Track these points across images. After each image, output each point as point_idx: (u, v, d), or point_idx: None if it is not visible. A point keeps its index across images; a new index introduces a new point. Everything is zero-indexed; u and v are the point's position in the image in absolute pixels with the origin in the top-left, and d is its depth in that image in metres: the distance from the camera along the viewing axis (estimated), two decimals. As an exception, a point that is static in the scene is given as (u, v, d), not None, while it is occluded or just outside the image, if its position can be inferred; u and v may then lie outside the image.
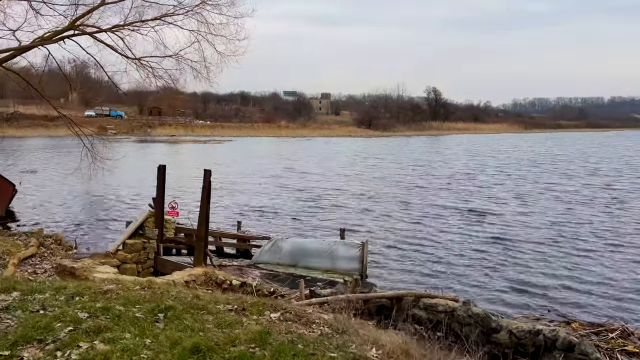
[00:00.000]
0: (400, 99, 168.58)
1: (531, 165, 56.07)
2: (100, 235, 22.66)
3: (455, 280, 16.50)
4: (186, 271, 14.73)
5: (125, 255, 15.69)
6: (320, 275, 15.80)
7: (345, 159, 63.63)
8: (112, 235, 22.53)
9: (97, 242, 21.19)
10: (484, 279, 16.80)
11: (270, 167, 52.10)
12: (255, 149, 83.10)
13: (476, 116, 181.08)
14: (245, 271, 16.55)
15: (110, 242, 21.28)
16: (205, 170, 15.30)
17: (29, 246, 16.64)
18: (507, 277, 16.75)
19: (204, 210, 15.47)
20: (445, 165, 56.98)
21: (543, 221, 25.40)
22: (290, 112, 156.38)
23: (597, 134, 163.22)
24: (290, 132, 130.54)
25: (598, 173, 48.79)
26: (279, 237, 17.09)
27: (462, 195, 33.02)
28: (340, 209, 28.48)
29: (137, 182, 39.86)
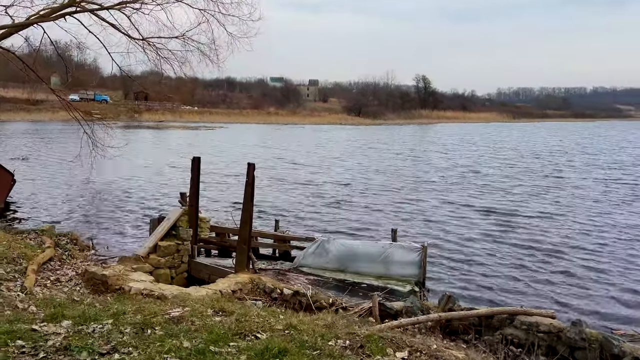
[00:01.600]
0: (389, 87, 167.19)
1: (564, 160, 53.07)
2: (110, 232, 20.86)
3: (512, 288, 15.14)
4: (231, 279, 13.16)
5: (159, 259, 14.00)
6: (375, 282, 14.34)
7: (346, 149, 62.21)
8: (126, 233, 20.81)
9: (111, 240, 19.43)
10: (542, 286, 15.42)
11: (273, 157, 50.44)
12: (251, 136, 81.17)
13: (464, 105, 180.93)
14: (289, 276, 15.02)
15: (127, 240, 19.64)
16: (249, 164, 13.67)
17: (45, 248, 14.85)
18: (573, 285, 15.42)
19: (248, 209, 13.85)
20: (453, 157, 55.82)
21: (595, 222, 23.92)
22: (279, 98, 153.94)
23: (587, 124, 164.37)
24: (280, 119, 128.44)
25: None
26: (324, 239, 15.54)
27: (492, 194, 31.01)
28: (356, 206, 26.95)
29: (139, 171, 37.95)
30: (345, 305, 12.27)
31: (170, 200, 27.34)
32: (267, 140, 72.22)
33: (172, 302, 9.11)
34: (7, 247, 14.16)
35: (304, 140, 75.94)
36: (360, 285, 14.15)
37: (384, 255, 14.57)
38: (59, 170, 36.70)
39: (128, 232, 20.82)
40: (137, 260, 13.83)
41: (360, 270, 15.00)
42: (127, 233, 20.70)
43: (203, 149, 55.30)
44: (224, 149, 56.89)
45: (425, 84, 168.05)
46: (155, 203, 26.60)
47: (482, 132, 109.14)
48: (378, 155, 54.86)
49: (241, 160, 45.12)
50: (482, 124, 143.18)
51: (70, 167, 33.13)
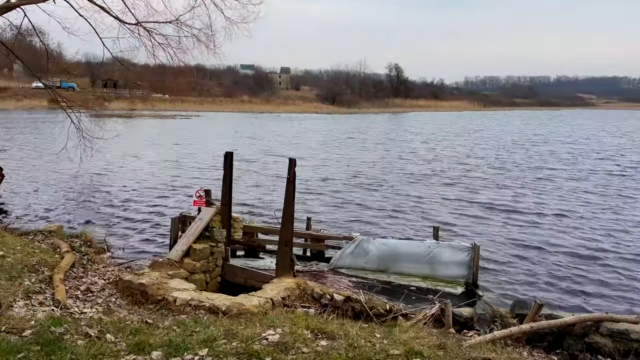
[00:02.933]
0: (362, 76, 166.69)
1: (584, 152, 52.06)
2: (116, 230, 19.55)
3: (561, 288, 14.68)
4: (277, 284, 12.26)
5: (194, 263, 12.93)
6: (424, 284, 13.71)
7: (335, 140, 61.31)
8: (133, 231, 19.51)
9: (122, 240, 18.14)
10: (594, 287, 14.91)
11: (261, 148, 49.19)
12: (235, 125, 79.36)
13: (435, 94, 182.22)
14: (330, 278, 14.21)
15: (138, 240, 18.37)
16: (290, 159, 12.74)
17: (63, 252, 13.55)
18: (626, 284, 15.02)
19: (290, 209, 12.93)
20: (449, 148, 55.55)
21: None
22: (251, 86, 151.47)
23: (554, 112, 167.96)
24: (254, 107, 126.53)
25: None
26: (364, 238, 14.75)
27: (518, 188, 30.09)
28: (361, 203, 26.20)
29: (127, 162, 36.28)
30: (405, 312, 11.55)
31: (171, 194, 26.12)
32: (251, 131, 70.71)
33: (257, 321, 8.17)
34: (24, 252, 12.84)
35: (284, 130, 74.74)
36: (409, 288, 13.46)
37: (431, 255, 13.90)
38: (43, 162, 34.68)
39: (135, 231, 19.55)
40: (171, 265, 12.77)
41: (403, 270, 14.32)
42: (135, 231, 19.43)
43: (191, 139, 53.72)
44: (217, 140, 55.33)
45: (398, 73, 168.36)
46: (153, 198, 25.27)
47: (460, 121, 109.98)
48: (385, 150, 54.22)
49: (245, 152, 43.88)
50: (455, 113, 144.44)
51: (55, 159, 31.33)
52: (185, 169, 34.47)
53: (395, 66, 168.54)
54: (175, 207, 23.50)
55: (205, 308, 10.54)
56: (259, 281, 13.28)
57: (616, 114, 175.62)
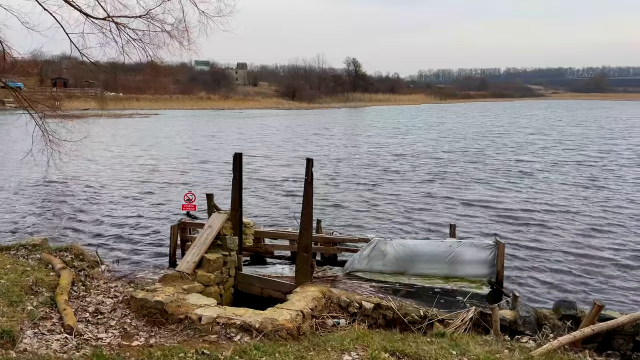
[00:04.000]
0: (320, 70, 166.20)
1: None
2: (101, 239, 18.18)
3: (585, 283, 14.44)
4: (302, 294, 11.48)
5: (208, 275, 11.95)
6: (448, 285, 13.26)
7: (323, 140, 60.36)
8: (120, 239, 18.19)
9: (109, 249, 16.84)
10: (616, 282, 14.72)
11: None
12: (199, 123, 77.19)
13: (392, 88, 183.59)
14: (348, 284, 13.55)
15: (128, 249, 17.10)
16: (307, 159, 11.98)
17: (58, 269, 12.29)
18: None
19: (308, 212, 12.16)
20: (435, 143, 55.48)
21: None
22: (208, 83, 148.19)
23: (508, 104, 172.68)
24: (213, 104, 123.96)
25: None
26: (380, 239, 14.13)
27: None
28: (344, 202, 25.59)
29: (95, 166, 34.36)
30: (441, 318, 11.02)
31: (149, 199, 24.75)
32: (216, 129, 68.92)
33: (317, 344, 7.41)
34: (16, 271, 11.55)
35: (249, 128, 73.33)
36: (433, 290, 12.98)
37: (452, 255, 13.45)
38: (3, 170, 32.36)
39: (124, 240, 18.26)
40: (183, 278, 11.76)
41: (422, 272, 13.83)
42: (123, 240, 18.15)
43: (156, 139, 51.68)
44: (189, 141, 53.44)
45: (356, 67, 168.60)
46: (131, 203, 23.87)
47: (421, 114, 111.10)
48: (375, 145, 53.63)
49: (215, 153, 42.63)
50: (414, 106, 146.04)
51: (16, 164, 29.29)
52: (155, 172, 32.95)
53: (353, 60, 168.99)
54: (157, 211, 22.27)
55: (236, 326, 9.68)
56: (277, 291, 12.49)
57: (564, 104, 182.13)
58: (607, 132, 66.10)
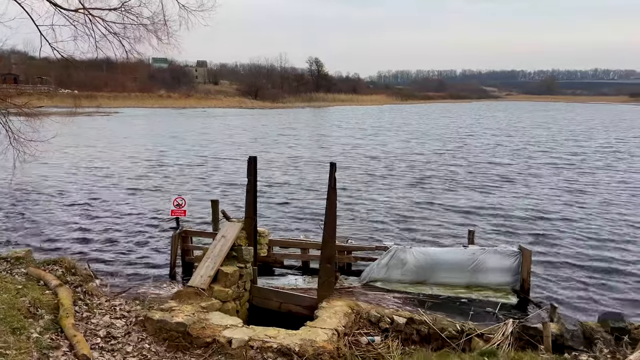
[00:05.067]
0: (282, 70, 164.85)
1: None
2: (86, 249, 16.78)
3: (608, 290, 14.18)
4: (330, 309, 10.69)
5: (226, 290, 10.93)
6: (473, 295, 12.75)
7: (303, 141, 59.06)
8: (107, 249, 16.83)
9: (98, 260, 15.49)
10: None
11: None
12: (165, 123, 74.67)
13: (354, 88, 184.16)
14: (369, 295, 12.81)
15: (116, 258, 15.77)
16: (331, 163, 11.18)
17: (54, 287, 10.99)
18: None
19: (332, 220, 11.37)
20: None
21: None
22: (168, 81, 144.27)
23: (466, 105, 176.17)
24: (174, 102, 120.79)
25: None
26: (399, 247, 13.46)
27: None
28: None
29: (66, 168, 32.35)
30: (480, 332, 10.44)
31: (131, 201, 23.26)
32: (183, 129, 66.80)
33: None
34: (8, 291, 10.22)
35: (216, 128, 71.57)
36: (460, 300, 12.43)
37: (475, 263, 12.94)
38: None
39: (113, 251, 16.91)
40: (200, 294, 10.74)
41: (443, 281, 13.26)
42: (112, 251, 16.81)
43: (121, 140, 49.43)
44: (161, 141, 51.31)
45: (318, 67, 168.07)
46: (108, 207, 22.37)
47: (385, 115, 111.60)
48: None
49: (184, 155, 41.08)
50: (376, 107, 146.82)
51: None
52: (124, 176, 31.31)
53: (316, 60, 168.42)
54: (143, 218, 20.92)
55: (272, 350, 8.80)
56: (297, 305, 11.66)
57: (520, 105, 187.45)
58: (571, 133, 68.09)
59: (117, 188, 26.80)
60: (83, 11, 18.68)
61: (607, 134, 68.68)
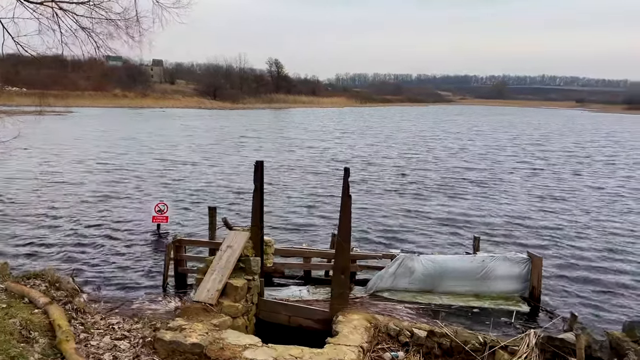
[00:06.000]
0: (242, 70, 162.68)
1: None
2: (63, 259, 15.53)
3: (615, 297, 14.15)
4: (348, 323, 10.15)
5: (236, 305, 10.14)
6: (485, 304, 12.44)
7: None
8: (82, 257, 15.62)
9: (79, 271, 14.32)
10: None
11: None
12: (123, 123, 71.85)
13: (314, 90, 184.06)
14: (379, 306, 12.29)
15: (98, 269, 14.61)
16: (345, 169, 10.64)
17: (42, 305, 9.93)
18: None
19: (347, 227, 10.81)
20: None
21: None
22: (123, 79, 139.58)
23: (423, 109, 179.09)
24: (131, 102, 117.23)
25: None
26: (406, 255, 13.01)
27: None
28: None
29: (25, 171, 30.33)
30: (504, 344, 10.11)
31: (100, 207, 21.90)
32: (145, 130, 64.49)
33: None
34: (-5, 312, 9.11)
35: (175, 130, 69.62)
36: (472, 310, 12.09)
37: (485, 271, 12.67)
38: None
39: (87, 259, 15.68)
40: (208, 310, 9.93)
41: (451, 289, 12.93)
42: (86, 260, 15.58)
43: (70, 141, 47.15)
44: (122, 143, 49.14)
45: (278, 68, 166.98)
46: (73, 217, 20.99)
47: (346, 117, 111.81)
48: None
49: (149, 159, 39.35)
50: (336, 109, 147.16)
51: None
52: (96, 179, 29.72)
53: (276, 62, 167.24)
54: (120, 224, 19.70)
55: (301, 372, 8.12)
56: (308, 319, 11.04)
57: (475, 109, 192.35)
58: (542, 137, 70.07)
59: (85, 194, 25.27)
60: (51, 4, 17.43)
61: (575, 137, 71.34)
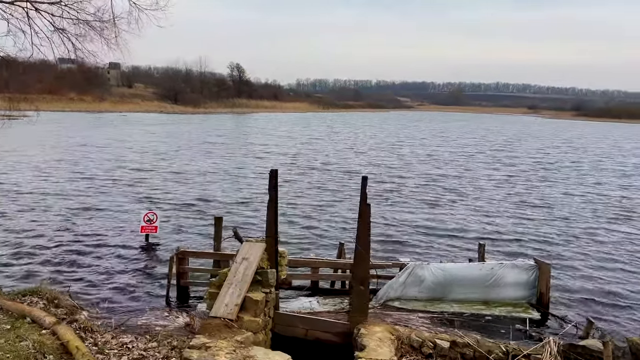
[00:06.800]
0: (203, 74, 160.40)
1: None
2: (56, 274, 14.68)
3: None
4: (371, 336, 9.94)
5: (257, 320, 9.74)
6: (496, 311, 12.50)
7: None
8: (85, 274, 14.82)
9: (76, 288, 13.53)
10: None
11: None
12: (94, 130, 69.31)
13: (275, 94, 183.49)
14: (393, 316, 12.13)
15: (93, 283, 13.86)
16: (363, 177, 10.50)
17: (49, 324, 9.26)
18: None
19: (365, 236, 10.62)
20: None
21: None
22: (78, 83, 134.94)
23: (384, 114, 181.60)
24: (89, 106, 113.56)
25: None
26: (416, 264, 12.91)
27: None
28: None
29: None
30: (527, 352, 10.15)
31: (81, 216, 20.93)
32: (111, 137, 62.44)
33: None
34: (1, 334, 8.41)
35: (137, 136, 67.78)
36: (484, 318, 12.12)
37: (494, 278, 12.75)
38: None
39: (77, 272, 14.88)
40: (229, 326, 9.51)
41: (460, 297, 12.92)
42: (75, 273, 14.78)
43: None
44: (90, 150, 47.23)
45: (240, 73, 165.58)
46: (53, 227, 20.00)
47: (313, 123, 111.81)
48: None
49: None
50: (299, 114, 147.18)
51: None
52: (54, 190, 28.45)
53: (237, 66, 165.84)
54: (102, 235, 18.86)
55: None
56: (326, 332, 10.80)
57: (432, 115, 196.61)
58: (505, 142, 72.01)
59: (59, 205, 24.12)
60: (17, 4, 16.52)
61: (537, 143, 73.77)
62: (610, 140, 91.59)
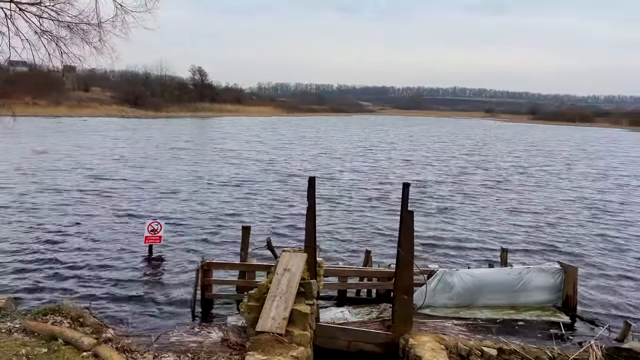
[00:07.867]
0: (164, 78, 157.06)
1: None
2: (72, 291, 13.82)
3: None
4: (423, 346, 9.74)
5: (306, 334, 9.35)
6: (527, 316, 12.51)
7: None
8: (98, 287, 13.99)
9: (95, 304, 12.74)
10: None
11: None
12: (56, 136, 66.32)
13: (238, 98, 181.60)
14: (428, 324, 11.96)
15: (111, 297, 13.08)
16: (404, 184, 10.38)
17: (90, 346, 8.61)
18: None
19: (409, 243, 10.43)
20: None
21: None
22: (32, 86, 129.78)
23: (346, 118, 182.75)
24: (43, 110, 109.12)
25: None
26: (445, 270, 12.79)
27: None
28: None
29: None
30: (573, 357, 10.19)
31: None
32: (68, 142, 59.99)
33: None
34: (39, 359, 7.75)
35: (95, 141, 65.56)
36: (518, 323, 12.12)
37: (522, 283, 12.79)
38: None
39: (85, 287, 14.06)
40: (280, 341, 9.12)
41: (488, 302, 12.89)
42: (103, 288, 13.98)
43: None
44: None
45: (202, 76, 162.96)
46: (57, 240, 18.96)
47: (280, 127, 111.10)
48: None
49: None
50: (264, 118, 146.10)
51: None
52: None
53: (199, 69, 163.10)
54: (104, 246, 17.95)
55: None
56: (370, 343, 10.54)
57: (394, 119, 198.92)
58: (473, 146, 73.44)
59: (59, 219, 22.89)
60: (7, 4, 15.64)
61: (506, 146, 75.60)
62: (572, 142, 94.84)
